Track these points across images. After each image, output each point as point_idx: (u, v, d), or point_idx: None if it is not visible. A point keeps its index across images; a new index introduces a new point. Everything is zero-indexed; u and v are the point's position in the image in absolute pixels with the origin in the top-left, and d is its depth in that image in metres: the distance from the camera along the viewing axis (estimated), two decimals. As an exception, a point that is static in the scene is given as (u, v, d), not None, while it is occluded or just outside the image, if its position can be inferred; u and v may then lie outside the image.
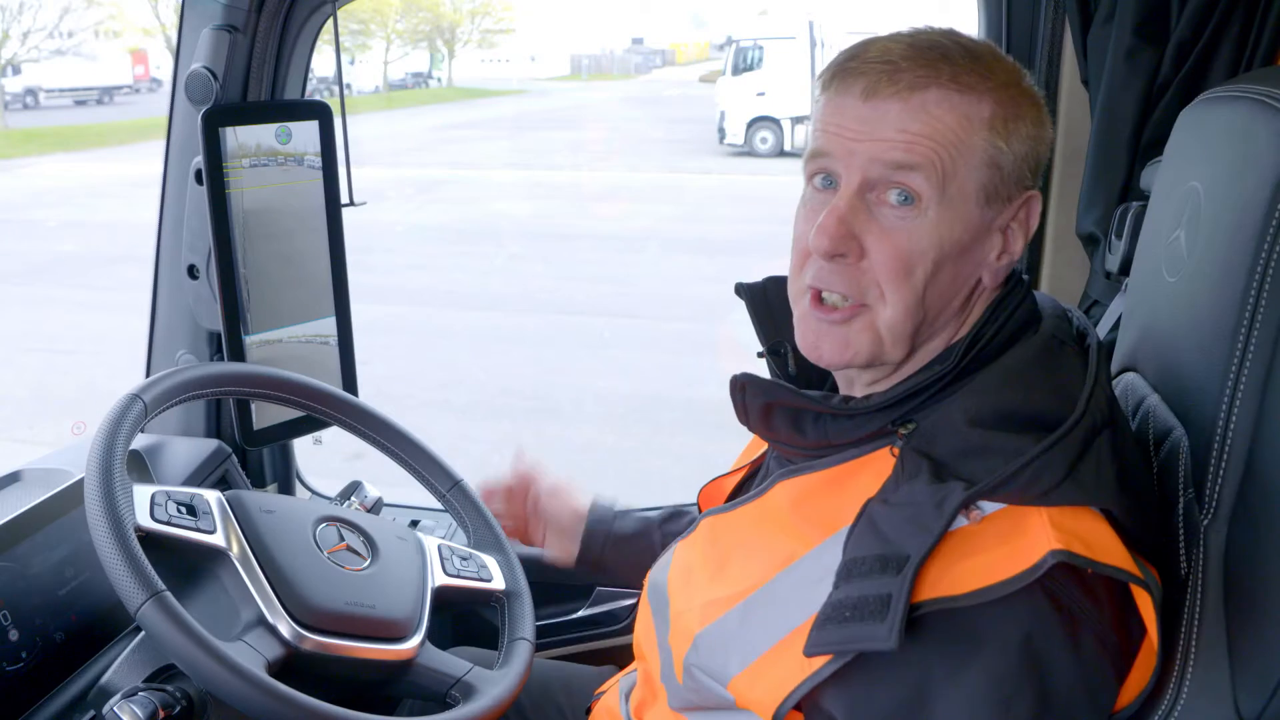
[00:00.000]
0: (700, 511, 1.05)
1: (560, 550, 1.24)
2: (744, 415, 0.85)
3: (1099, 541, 0.69)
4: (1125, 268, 1.25)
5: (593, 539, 1.22)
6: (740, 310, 0.94)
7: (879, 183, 0.76)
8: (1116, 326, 1.17)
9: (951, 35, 0.78)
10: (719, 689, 0.79)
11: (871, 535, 0.72)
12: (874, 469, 0.77)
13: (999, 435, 0.72)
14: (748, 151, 13.54)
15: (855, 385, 0.85)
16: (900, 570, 0.68)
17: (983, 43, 0.79)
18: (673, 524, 1.22)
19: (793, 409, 0.82)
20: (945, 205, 0.75)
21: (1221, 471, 0.74)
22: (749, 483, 0.99)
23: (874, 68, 0.76)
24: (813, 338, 0.81)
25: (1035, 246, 1.48)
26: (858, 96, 0.76)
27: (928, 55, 0.76)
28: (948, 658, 0.68)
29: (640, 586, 1.04)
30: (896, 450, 0.76)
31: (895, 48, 0.76)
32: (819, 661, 0.71)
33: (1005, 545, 0.68)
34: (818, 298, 0.80)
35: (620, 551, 1.21)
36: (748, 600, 0.79)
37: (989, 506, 0.70)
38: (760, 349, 0.93)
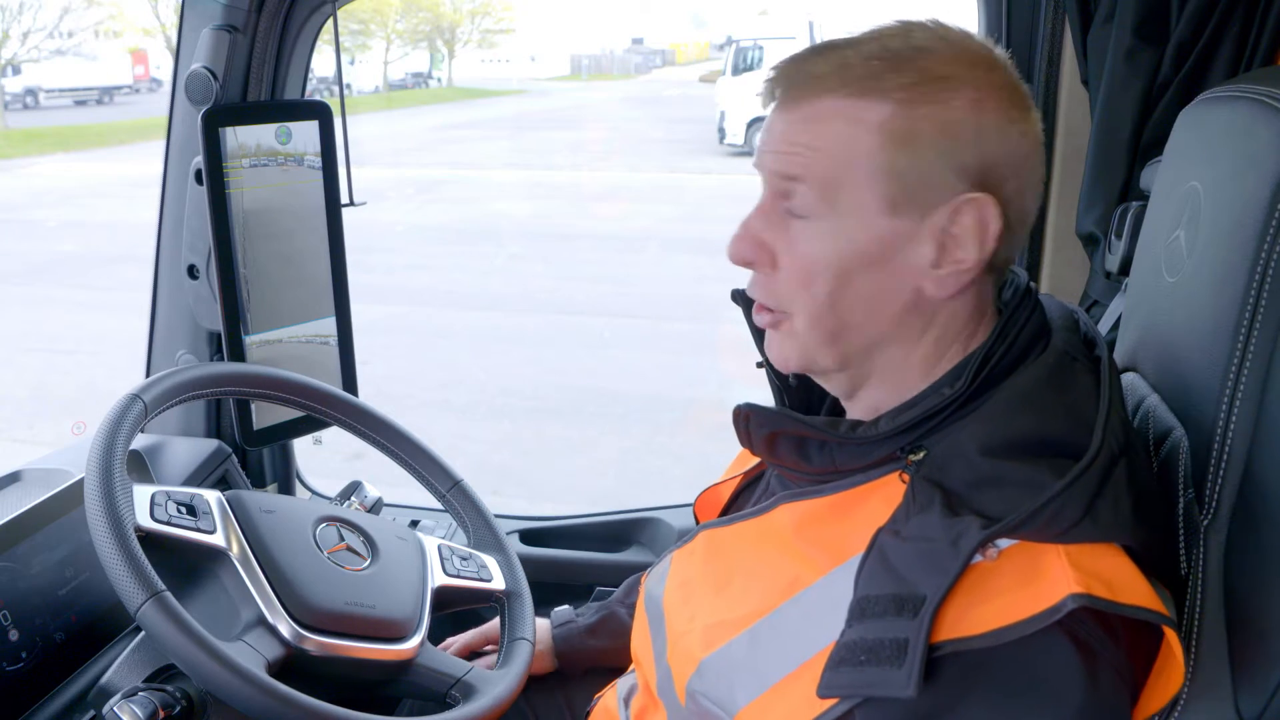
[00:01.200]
0: (697, 519, 1.05)
1: (539, 670, 1.29)
2: (747, 442, 0.83)
3: (1120, 580, 0.67)
4: (1125, 268, 1.25)
5: (567, 641, 1.28)
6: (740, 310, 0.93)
7: (781, 193, 0.76)
8: (1116, 326, 1.17)
9: (881, 38, 0.74)
10: (725, 718, 0.77)
11: (884, 571, 0.69)
12: (882, 495, 0.75)
13: (1012, 465, 0.70)
14: (748, 151, 13.53)
15: (849, 404, 0.84)
16: (917, 613, 0.66)
17: (924, 38, 0.74)
18: (632, 597, 1.26)
19: (798, 436, 0.80)
20: (839, 216, 0.73)
21: (1221, 472, 0.74)
22: (747, 491, 0.98)
23: (782, 75, 0.75)
24: (765, 345, 0.83)
25: (1035, 246, 1.48)
26: (772, 106, 0.76)
27: (831, 59, 0.73)
28: (962, 697, 0.66)
29: (626, 662, 1.08)
30: (906, 477, 0.74)
31: (810, 55, 0.75)
32: (830, 700, 0.69)
33: (1024, 586, 0.66)
34: (759, 305, 0.81)
35: (596, 638, 1.27)
36: (755, 627, 0.77)
37: (1004, 542, 0.68)
38: (759, 358, 0.91)
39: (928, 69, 0.72)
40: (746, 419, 0.81)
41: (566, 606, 1.34)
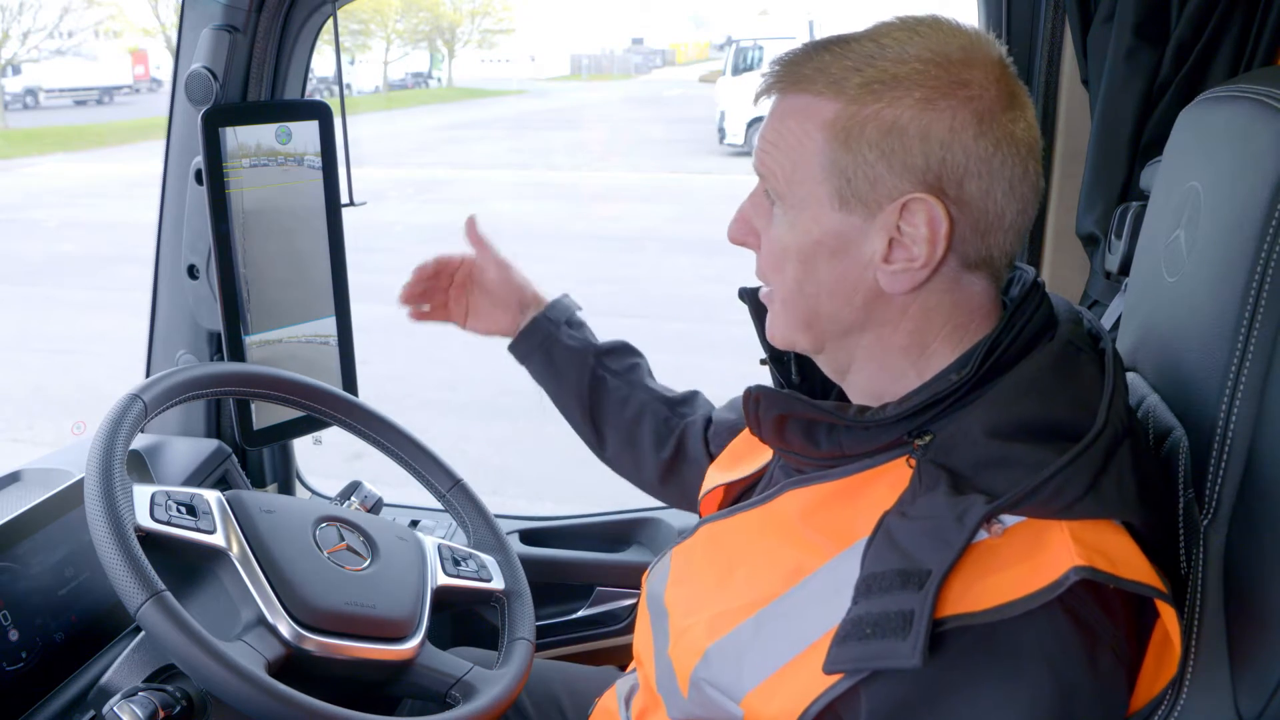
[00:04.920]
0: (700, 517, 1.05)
1: (488, 323, 1.29)
2: (756, 426, 0.84)
3: (1121, 556, 0.68)
4: (1125, 268, 1.25)
5: (534, 332, 1.25)
6: (741, 309, 0.93)
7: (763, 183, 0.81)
8: (1116, 326, 1.17)
9: (874, 32, 0.76)
10: (729, 705, 0.78)
11: (890, 549, 0.70)
12: (889, 480, 0.76)
13: (1018, 446, 0.71)
14: (748, 151, 13.46)
15: (850, 392, 0.84)
16: (922, 586, 0.66)
17: (905, 32, 0.75)
18: (611, 358, 1.25)
19: (806, 420, 0.81)
20: (796, 208, 0.77)
21: (1221, 472, 0.74)
22: (749, 491, 0.98)
23: (768, 74, 0.79)
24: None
25: (1035, 246, 1.48)
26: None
27: (797, 59, 0.77)
28: (966, 673, 0.67)
29: (563, 406, 1.23)
30: (913, 461, 0.75)
31: (796, 53, 0.78)
32: (836, 676, 0.69)
33: (1027, 561, 0.67)
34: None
35: (551, 360, 1.24)
36: (761, 613, 0.78)
37: (1009, 519, 0.69)
38: (762, 356, 0.92)
39: (885, 69, 0.73)
40: (756, 401, 0.83)
41: (567, 302, 1.30)
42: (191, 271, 1.45)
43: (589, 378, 1.23)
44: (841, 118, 0.74)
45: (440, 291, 1.32)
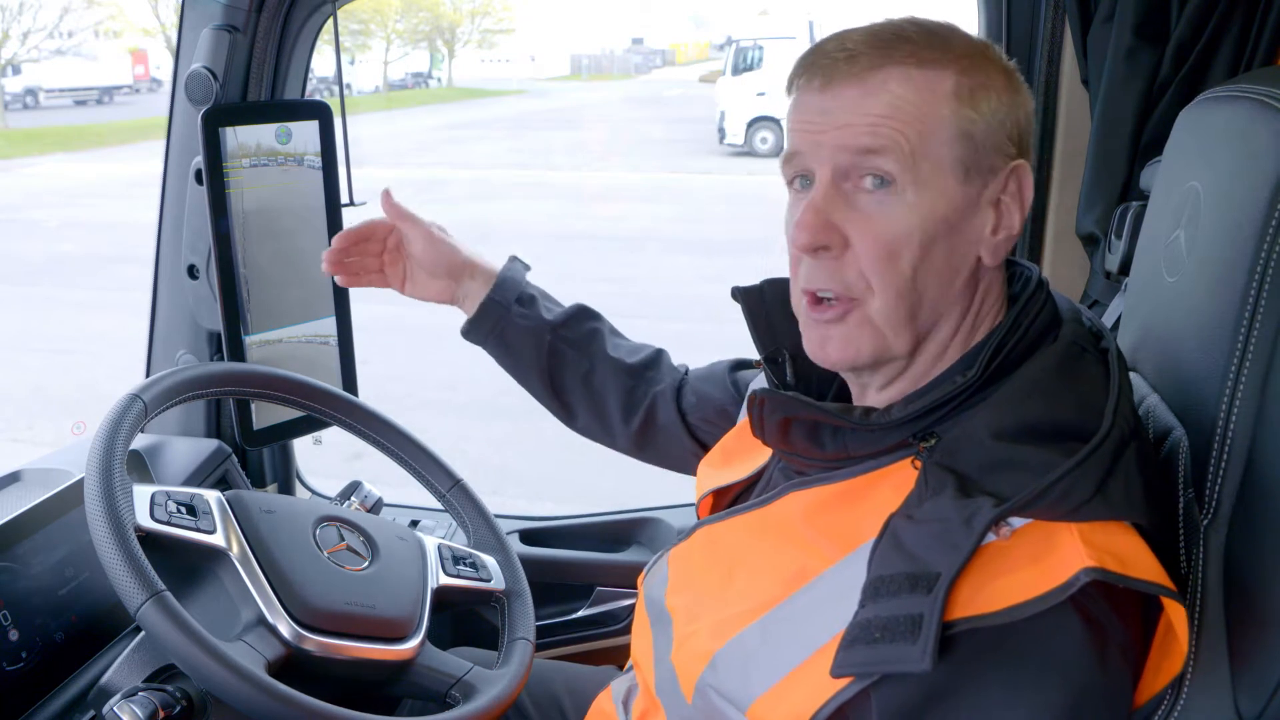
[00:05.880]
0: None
1: (423, 290, 1.24)
2: (760, 429, 0.83)
3: (1131, 555, 0.68)
4: (1125, 268, 1.25)
5: (485, 317, 1.20)
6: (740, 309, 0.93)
7: (851, 170, 0.75)
8: (1116, 326, 1.17)
9: (912, 20, 0.78)
10: (734, 713, 0.77)
11: (897, 552, 0.70)
12: (893, 482, 0.76)
13: (1024, 448, 0.71)
14: (748, 151, 13.56)
15: (868, 391, 0.83)
16: (931, 589, 0.66)
17: (942, 22, 0.78)
18: (567, 329, 1.20)
19: (810, 422, 0.81)
20: (922, 184, 0.74)
21: (1221, 472, 0.74)
22: (746, 493, 0.97)
23: (830, 58, 0.76)
24: (817, 340, 0.80)
25: (1035, 246, 1.48)
26: (817, 89, 0.76)
27: (883, 37, 0.76)
28: (976, 675, 0.67)
29: (527, 386, 1.21)
30: (919, 463, 0.74)
31: (853, 36, 0.76)
32: (844, 680, 0.69)
33: (1037, 563, 0.67)
34: (814, 299, 0.79)
35: (506, 343, 1.21)
36: (766, 618, 0.77)
37: (1017, 521, 0.69)
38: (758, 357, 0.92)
39: (971, 46, 0.76)
40: (761, 405, 0.82)
41: (515, 271, 1.23)
42: (191, 271, 1.45)
43: (546, 354, 1.19)
44: (963, 84, 0.75)
45: (373, 256, 1.25)
